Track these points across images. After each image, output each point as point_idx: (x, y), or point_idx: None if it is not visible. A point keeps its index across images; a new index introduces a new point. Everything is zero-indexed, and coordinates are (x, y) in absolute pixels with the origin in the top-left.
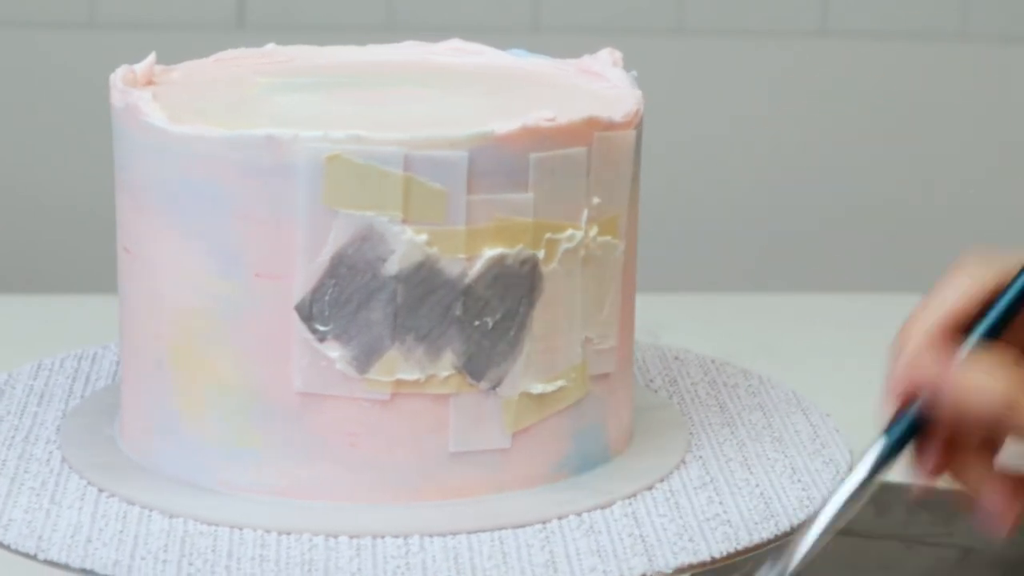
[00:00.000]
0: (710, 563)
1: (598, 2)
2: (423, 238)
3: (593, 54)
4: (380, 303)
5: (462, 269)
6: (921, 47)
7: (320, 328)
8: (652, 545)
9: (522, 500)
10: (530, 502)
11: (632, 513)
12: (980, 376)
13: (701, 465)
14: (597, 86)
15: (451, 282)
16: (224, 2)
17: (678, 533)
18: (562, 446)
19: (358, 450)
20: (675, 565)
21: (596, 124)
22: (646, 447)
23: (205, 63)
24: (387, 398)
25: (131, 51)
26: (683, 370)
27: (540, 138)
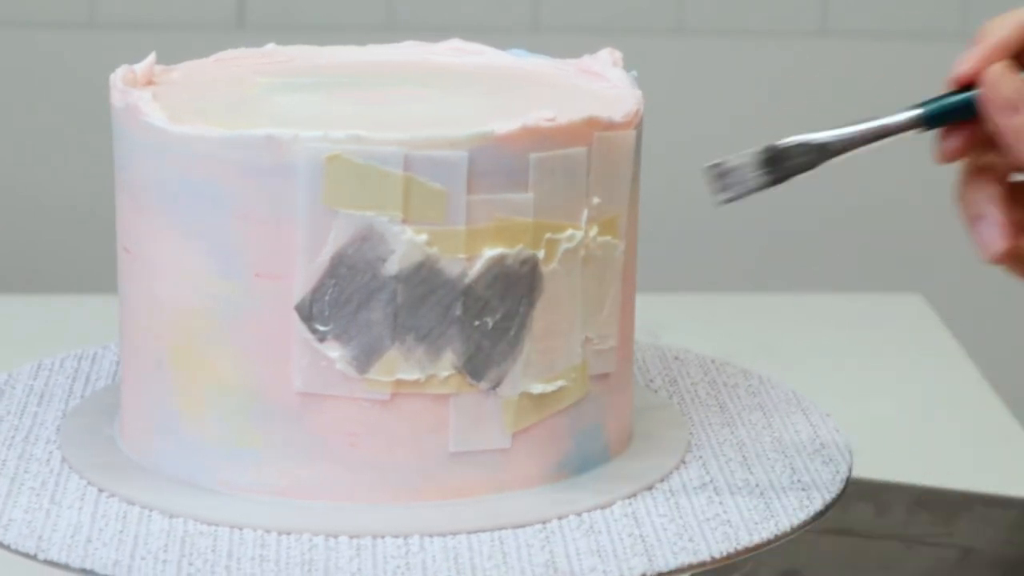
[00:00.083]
0: (710, 563)
1: (598, 2)
2: (423, 238)
3: (593, 54)
4: (380, 303)
5: (462, 269)
6: (921, 47)
7: (320, 328)
8: (652, 545)
9: (522, 500)
10: (530, 502)
11: (632, 513)
12: None
13: (701, 465)
14: (597, 86)
15: (451, 282)
16: (224, 2)
17: (678, 533)
18: (562, 446)
19: (358, 450)
20: (675, 565)
21: (596, 124)
22: (646, 447)
23: (205, 63)
24: (387, 398)
25: (131, 51)
26: (683, 370)
27: (540, 138)
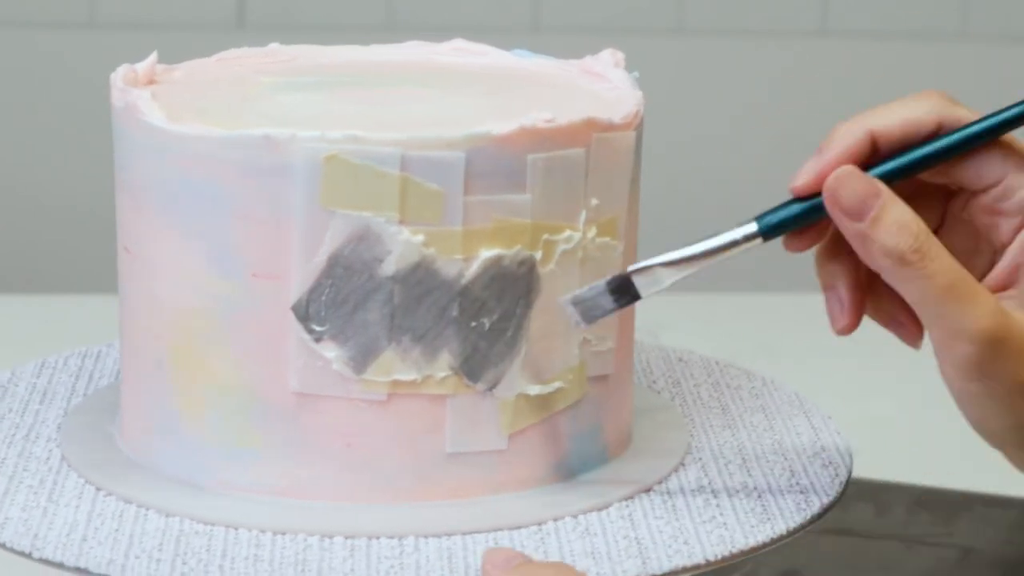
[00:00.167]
0: (704, 565)
1: (598, 2)
2: (420, 239)
3: (595, 55)
4: (377, 303)
5: (459, 270)
6: (921, 47)
7: (317, 328)
8: (647, 547)
9: (518, 501)
10: (526, 503)
11: (628, 515)
12: (902, 215)
13: (700, 467)
14: (599, 87)
15: (448, 283)
16: (224, 2)
17: (673, 535)
18: (559, 448)
19: (354, 450)
20: (669, 567)
21: (595, 125)
22: (645, 449)
23: (207, 62)
24: (383, 399)
25: (131, 51)
26: (687, 371)
27: (538, 139)
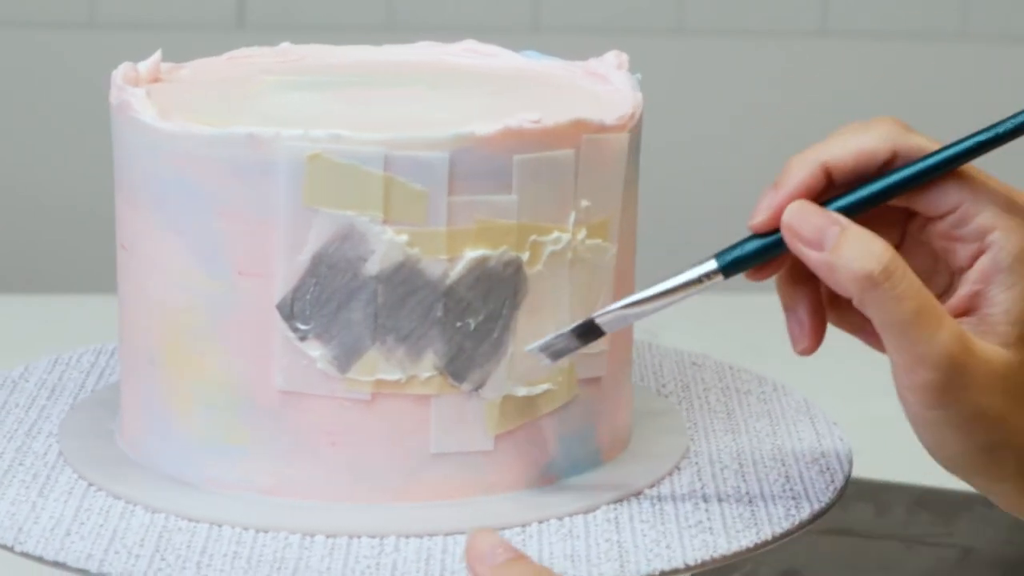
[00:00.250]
0: (683, 570)
1: (598, 2)
2: (404, 238)
3: (600, 56)
4: (360, 303)
5: (444, 270)
6: (921, 47)
7: (301, 327)
8: (627, 551)
9: (504, 502)
10: (512, 505)
11: (614, 519)
12: (864, 239)
13: (695, 472)
14: (601, 88)
15: (432, 283)
16: (224, 2)
17: (656, 540)
18: (548, 449)
19: (339, 449)
20: (647, 571)
21: (584, 127)
22: (641, 452)
23: (216, 61)
24: (368, 398)
25: (131, 51)
26: (698, 375)
27: (524, 140)
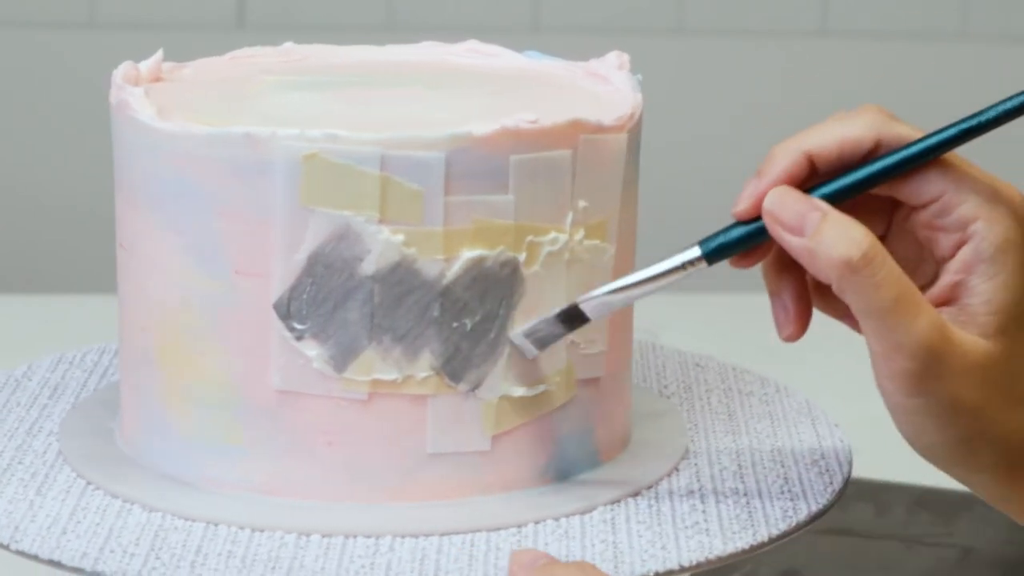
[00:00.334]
0: (678, 571)
1: (598, 2)
2: (400, 238)
3: (600, 56)
4: (357, 303)
5: (440, 270)
6: (921, 47)
7: (297, 326)
8: (622, 552)
9: (501, 503)
10: (509, 505)
11: (611, 519)
12: (845, 225)
13: (693, 473)
14: (601, 89)
15: (429, 283)
16: (224, 2)
17: (652, 541)
18: (545, 450)
19: (336, 449)
20: (640, 573)
21: (582, 127)
22: (640, 453)
23: (218, 61)
24: (364, 398)
25: (131, 51)
26: (701, 377)
27: (521, 140)
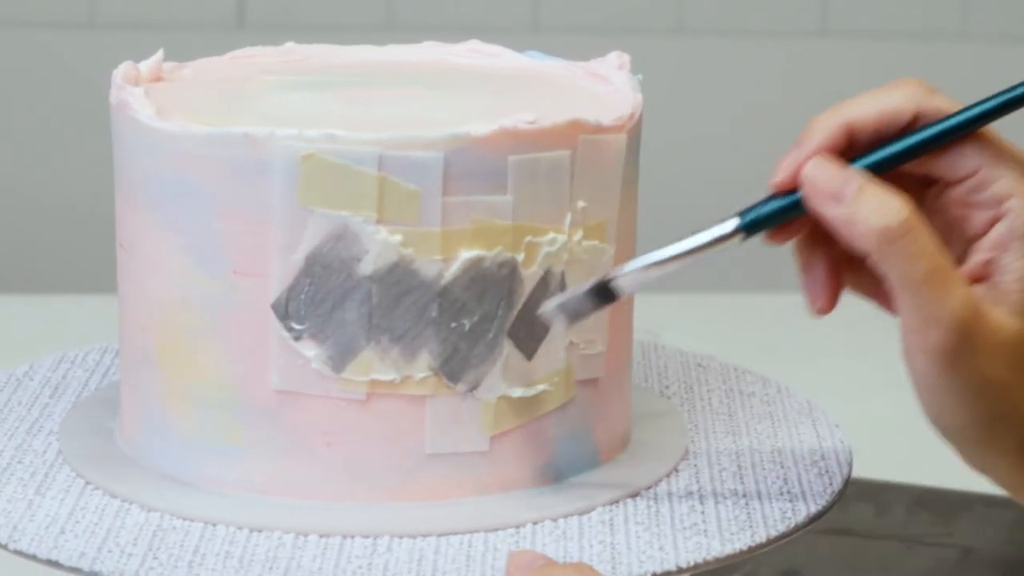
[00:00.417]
0: (675, 572)
1: (598, 2)
2: (397, 239)
3: (601, 56)
4: (355, 303)
5: (438, 271)
6: (921, 47)
7: (296, 327)
8: (620, 553)
9: (500, 503)
10: (507, 505)
11: (609, 520)
12: (884, 194)
13: (693, 474)
14: (601, 89)
15: (427, 283)
16: (224, 2)
17: (650, 541)
18: (544, 450)
19: (335, 449)
20: (639, 573)
21: (581, 127)
22: (640, 454)
23: (218, 60)
24: (363, 398)
25: (131, 51)
26: (703, 377)
27: (519, 140)
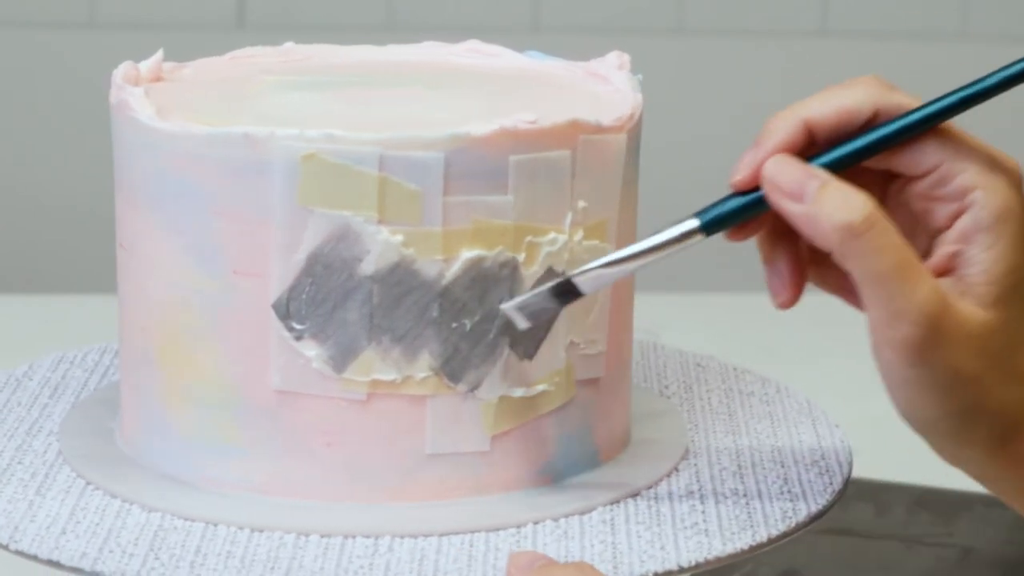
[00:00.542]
0: (676, 572)
1: (598, 2)
2: (399, 239)
3: (601, 56)
4: (356, 303)
5: (439, 270)
6: (921, 47)
7: (297, 327)
8: (621, 552)
9: (500, 503)
10: (508, 505)
11: (610, 520)
12: (846, 190)
13: (693, 473)
14: (602, 89)
15: (428, 283)
16: (224, 2)
17: (651, 541)
18: (545, 450)
19: (335, 449)
20: (639, 573)
21: (581, 127)
22: (640, 454)
23: (219, 61)
24: (363, 398)
25: (131, 51)
26: (702, 377)
27: (520, 140)
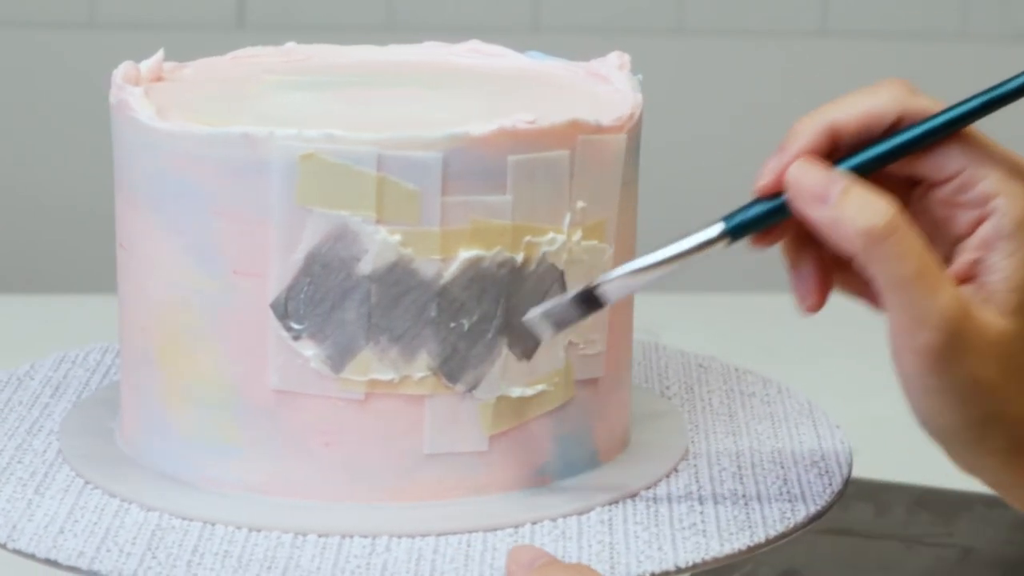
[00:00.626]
0: (673, 572)
1: (598, 2)
2: (397, 238)
3: (601, 56)
4: (354, 303)
5: (437, 270)
6: (921, 47)
7: (295, 326)
8: (619, 553)
9: (498, 503)
10: (506, 505)
11: (608, 520)
12: (869, 195)
13: (692, 474)
14: (602, 89)
15: (426, 283)
16: (224, 2)
17: (648, 541)
18: (543, 450)
19: (333, 449)
20: (637, 573)
21: (580, 127)
22: (639, 454)
23: (219, 60)
24: (361, 398)
25: (131, 51)
26: (704, 378)
27: (518, 140)
